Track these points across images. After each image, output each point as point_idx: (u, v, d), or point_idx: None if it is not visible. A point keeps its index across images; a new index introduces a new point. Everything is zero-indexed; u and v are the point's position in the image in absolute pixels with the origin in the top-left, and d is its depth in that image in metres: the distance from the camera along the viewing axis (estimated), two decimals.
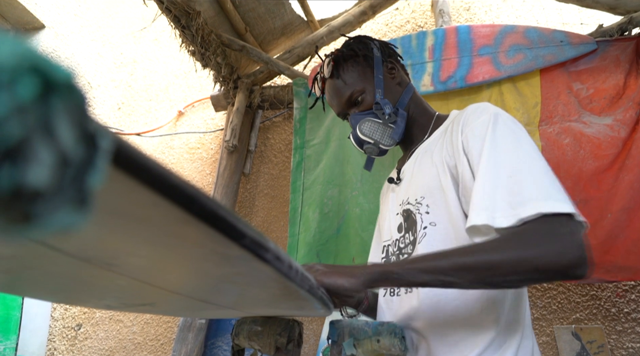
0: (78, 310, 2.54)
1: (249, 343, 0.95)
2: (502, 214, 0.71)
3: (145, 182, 0.26)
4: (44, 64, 0.16)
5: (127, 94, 3.18)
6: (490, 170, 0.76)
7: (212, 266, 0.47)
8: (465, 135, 0.86)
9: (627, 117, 1.74)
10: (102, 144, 0.17)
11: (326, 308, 0.74)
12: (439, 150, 0.94)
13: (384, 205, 1.16)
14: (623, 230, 1.62)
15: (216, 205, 0.34)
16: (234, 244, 0.38)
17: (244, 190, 2.56)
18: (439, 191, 0.90)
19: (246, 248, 0.39)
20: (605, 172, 1.71)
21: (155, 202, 0.29)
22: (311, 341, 2.09)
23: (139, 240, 0.40)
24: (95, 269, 0.51)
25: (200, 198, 0.32)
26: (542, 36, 1.95)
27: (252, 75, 2.60)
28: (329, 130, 2.19)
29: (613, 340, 1.70)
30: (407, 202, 0.99)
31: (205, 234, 0.36)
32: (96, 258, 0.47)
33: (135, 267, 0.51)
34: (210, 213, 0.34)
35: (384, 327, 0.86)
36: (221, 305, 0.78)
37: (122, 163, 0.24)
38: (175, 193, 0.29)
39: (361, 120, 1.06)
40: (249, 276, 0.50)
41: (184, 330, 1.97)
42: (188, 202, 0.31)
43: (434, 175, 0.92)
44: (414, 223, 0.94)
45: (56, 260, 0.47)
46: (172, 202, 0.30)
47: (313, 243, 1.99)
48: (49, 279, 0.57)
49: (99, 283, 0.58)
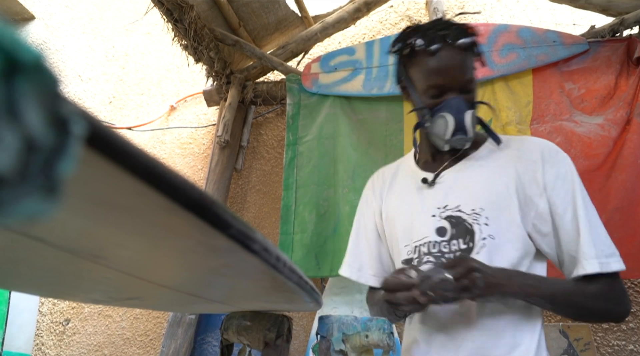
0: (66, 305, 2.52)
1: (237, 338, 0.94)
2: (599, 263, 0.93)
3: (129, 170, 0.26)
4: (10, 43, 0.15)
5: (118, 88, 3.15)
6: (589, 224, 0.96)
7: (200, 257, 0.47)
8: (549, 176, 1.00)
9: (617, 116, 1.76)
10: (75, 130, 0.16)
11: (315, 301, 0.73)
12: (507, 173, 1.01)
13: (403, 202, 1.11)
14: (617, 229, 1.64)
15: (202, 194, 0.34)
16: (220, 234, 0.38)
17: (236, 185, 2.55)
18: (505, 209, 0.99)
19: (233, 239, 0.39)
20: (596, 171, 1.73)
21: (139, 190, 0.29)
22: (301, 337, 2.09)
23: (124, 230, 0.39)
24: (82, 261, 0.50)
25: (186, 187, 0.32)
26: (535, 36, 1.96)
27: (245, 70, 2.58)
28: (322, 126, 2.19)
29: (599, 337, 1.72)
30: (457, 209, 1.01)
31: (192, 224, 0.36)
32: (82, 250, 0.47)
33: (122, 259, 0.51)
34: (195, 203, 0.33)
35: (372, 323, 0.86)
36: (210, 299, 0.78)
37: (103, 150, 0.23)
38: (160, 182, 0.28)
39: (469, 110, 1.00)
40: (236, 268, 0.50)
41: (174, 326, 1.96)
42: (173, 190, 0.30)
43: (501, 193, 1.00)
44: (470, 232, 0.99)
45: (41, 252, 0.46)
46: (157, 191, 0.29)
47: (311, 245, 1.99)
48: (35, 272, 0.57)
49: (86, 276, 0.58)
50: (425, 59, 1.01)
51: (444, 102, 1.01)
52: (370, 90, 2.14)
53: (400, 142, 2.07)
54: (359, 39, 2.68)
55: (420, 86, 1.04)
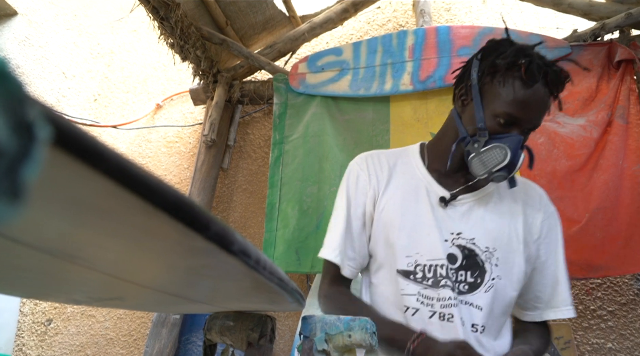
0: (48, 305, 2.49)
1: (221, 338, 0.94)
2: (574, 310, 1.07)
3: (101, 171, 0.26)
4: None
5: (103, 86, 3.11)
6: (565, 275, 1.08)
7: (179, 258, 0.47)
8: (544, 227, 1.08)
9: (599, 118, 1.79)
10: (40, 134, 0.16)
11: (298, 302, 0.74)
12: (518, 217, 1.07)
13: (407, 207, 1.07)
14: (600, 229, 1.67)
15: (178, 195, 0.34)
16: (198, 236, 0.38)
17: (222, 185, 2.54)
18: (513, 252, 1.04)
19: (211, 241, 0.39)
20: (579, 172, 1.76)
21: (113, 192, 0.29)
22: (286, 337, 2.09)
23: (101, 232, 0.39)
24: (60, 262, 0.50)
25: (161, 188, 0.32)
26: (519, 39, 1.97)
27: (232, 69, 2.57)
28: (308, 125, 2.19)
29: (579, 336, 1.75)
30: (471, 242, 1.03)
31: (169, 225, 0.36)
32: (60, 251, 0.46)
33: (101, 259, 0.51)
34: (172, 204, 0.33)
35: (355, 323, 0.87)
36: (193, 299, 0.77)
37: (73, 151, 0.23)
38: (134, 183, 0.28)
39: (522, 152, 1.00)
40: (217, 269, 0.50)
41: (158, 326, 1.94)
42: (148, 191, 0.30)
43: (512, 237, 1.05)
44: (481, 269, 1.02)
45: (17, 253, 0.46)
46: (131, 192, 0.29)
47: (292, 241, 1.99)
48: (12, 273, 0.56)
49: (66, 277, 0.57)
50: (518, 86, 0.95)
51: (511, 135, 0.96)
52: (357, 91, 2.15)
53: (386, 142, 2.08)
54: (347, 39, 2.69)
55: (495, 107, 0.97)
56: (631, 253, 1.62)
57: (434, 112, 2.05)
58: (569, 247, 1.67)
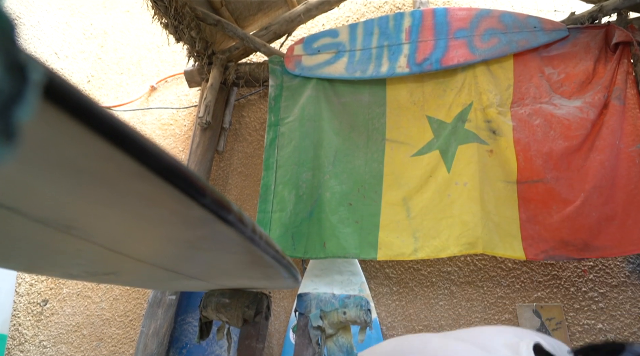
0: (44, 286, 2.49)
1: (216, 315, 0.95)
2: None
3: (93, 128, 0.25)
4: None
5: (97, 67, 3.07)
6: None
7: (175, 229, 0.47)
8: None
9: (595, 100, 1.79)
10: (32, 76, 0.16)
11: (293, 277, 0.74)
12: None
13: None
14: (595, 208, 1.68)
15: (174, 159, 0.33)
16: (194, 203, 0.38)
17: (218, 168, 2.53)
18: None
19: (207, 208, 0.39)
20: (575, 153, 1.77)
21: (107, 153, 0.28)
22: (282, 317, 2.11)
23: (96, 199, 0.39)
24: (54, 232, 0.50)
25: (156, 152, 0.31)
26: (516, 21, 1.97)
27: (228, 51, 2.54)
28: (304, 108, 2.18)
29: (570, 317, 1.78)
30: None
31: (164, 191, 0.36)
32: (53, 220, 0.46)
33: (96, 231, 0.50)
34: (167, 169, 0.33)
35: (350, 300, 0.87)
36: (189, 275, 0.78)
37: (64, 104, 0.23)
38: (129, 144, 0.28)
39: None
40: (212, 240, 0.50)
41: (154, 306, 1.95)
42: (143, 154, 0.30)
43: None
44: None
45: (12, 222, 0.46)
46: (126, 154, 0.29)
47: (289, 225, 1.99)
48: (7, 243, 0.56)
49: (61, 249, 0.57)
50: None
51: None
52: (353, 73, 2.14)
53: (382, 125, 2.08)
54: (343, 21, 2.66)
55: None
56: (627, 234, 1.64)
57: (430, 95, 2.05)
58: (564, 227, 1.70)
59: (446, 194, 1.87)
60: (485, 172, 1.84)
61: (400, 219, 1.89)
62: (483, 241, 1.73)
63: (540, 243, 1.71)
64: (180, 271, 0.74)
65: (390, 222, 1.90)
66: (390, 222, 1.90)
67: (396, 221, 1.89)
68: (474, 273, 1.96)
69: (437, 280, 1.99)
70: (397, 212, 1.91)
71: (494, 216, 1.78)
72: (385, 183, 1.97)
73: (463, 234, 1.76)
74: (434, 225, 1.83)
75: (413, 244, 1.83)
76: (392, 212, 1.91)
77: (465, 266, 1.98)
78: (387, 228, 1.89)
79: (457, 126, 1.95)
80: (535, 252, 1.71)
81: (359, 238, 1.90)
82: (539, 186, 1.78)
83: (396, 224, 1.88)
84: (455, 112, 1.98)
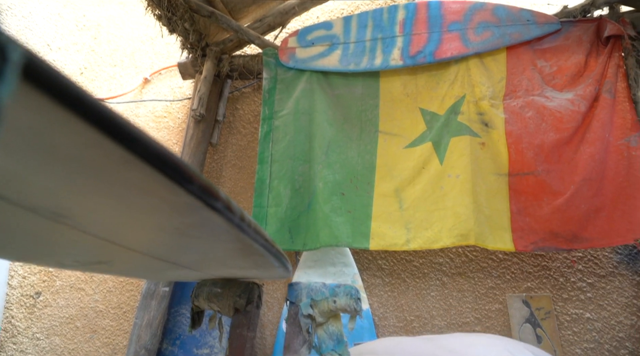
0: (37, 278, 2.49)
1: (208, 305, 0.95)
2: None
3: (80, 114, 0.26)
4: None
5: (90, 59, 3.05)
6: None
7: (164, 217, 0.47)
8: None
9: (587, 92, 1.81)
10: (12, 57, 0.17)
11: (284, 267, 0.75)
12: None
13: None
14: (584, 201, 1.70)
15: (161, 146, 0.34)
16: (181, 190, 0.38)
17: (211, 160, 2.53)
18: None
19: (194, 195, 0.39)
20: (566, 145, 1.79)
21: (92, 139, 0.29)
22: (275, 309, 2.12)
23: (84, 187, 0.39)
24: (47, 222, 0.50)
25: (142, 138, 0.32)
26: (509, 14, 1.98)
27: (222, 43, 2.53)
28: (298, 101, 2.18)
29: (559, 306, 1.81)
30: None
31: (151, 179, 0.36)
32: (43, 208, 0.46)
33: (87, 220, 0.51)
34: (153, 155, 0.33)
35: (340, 289, 0.88)
36: (181, 264, 0.78)
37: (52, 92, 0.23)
38: (115, 130, 0.29)
39: None
40: (202, 228, 0.50)
41: (147, 298, 1.96)
42: (128, 140, 0.30)
43: None
44: None
45: (3, 211, 0.46)
46: (112, 140, 0.29)
47: (285, 219, 2.00)
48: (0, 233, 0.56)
49: (53, 238, 0.57)
50: None
51: None
52: (347, 66, 2.14)
53: (375, 117, 2.08)
54: (337, 13, 2.65)
55: None
56: (615, 226, 1.66)
57: (424, 87, 2.06)
58: (554, 219, 1.72)
59: (439, 186, 1.88)
60: (477, 165, 1.86)
61: (393, 210, 1.90)
62: (475, 233, 1.75)
63: (530, 235, 1.74)
64: (172, 261, 0.75)
65: (382, 213, 1.91)
66: (382, 212, 1.91)
67: (389, 212, 1.90)
68: (466, 264, 1.98)
69: (429, 271, 2.01)
70: (389, 203, 1.92)
71: (485, 208, 1.80)
72: (378, 174, 1.99)
73: (455, 226, 1.78)
74: (426, 216, 1.85)
75: (405, 235, 1.84)
76: (384, 203, 1.93)
77: (456, 257, 2.00)
78: (379, 218, 1.90)
79: (449, 118, 1.96)
80: (525, 243, 1.73)
81: (351, 227, 1.91)
82: (530, 178, 1.79)
83: (388, 215, 1.90)
84: (448, 104, 1.99)
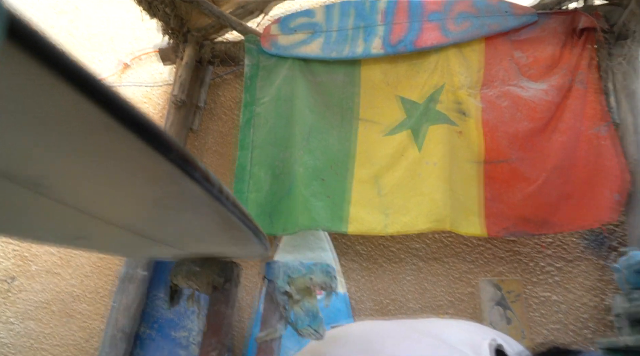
0: (11, 264, 2.46)
1: (187, 283, 0.97)
2: None
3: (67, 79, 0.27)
4: None
5: (67, 43, 2.99)
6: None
7: (142, 186, 0.48)
8: None
9: (560, 83, 1.87)
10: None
11: (262, 244, 0.77)
12: None
13: None
14: (554, 188, 1.77)
15: (141, 113, 0.35)
16: (161, 157, 0.40)
17: (192, 146, 2.52)
18: None
19: (174, 163, 0.41)
20: (539, 134, 1.85)
21: (74, 101, 0.30)
22: (254, 292, 2.15)
23: (64, 151, 0.40)
24: (22, 190, 0.50)
25: (125, 104, 0.33)
26: (488, 5, 2.02)
27: (203, 29, 2.51)
28: (280, 89, 2.19)
29: (528, 290, 1.88)
30: None
31: (132, 146, 0.37)
32: (20, 176, 0.46)
33: (65, 188, 0.51)
34: (135, 121, 0.35)
35: (317, 267, 0.91)
36: (158, 240, 0.79)
37: (33, 50, 0.24)
38: (96, 91, 0.30)
39: None
40: (180, 198, 0.52)
41: (125, 281, 1.96)
42: (110, 103, 0.32)
43: None
44: None
45: None
46: (93, 101, 0.30)
47: (265, 205, 2.02)
48: None
49: (29, 209, 0.58)
50: None
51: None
52: (329, 54, 2.15)
53: (356, 104, 2.11)
54: (320, 1, 2.65)
55: None
56: (582, 211, 1.74)
57: (404, 76, 2.09)
58: (526, 206, 1.78)
59: (417, 173, 1.92)
60: (454, 152, 1.90)
61: (372, 196, 1.94)
62: (450, 219, 1.80)
63: (502, 221, 1.80)
64: (151, 236, 0.76)
65: (361, 198, 1.94)
66: (361, 198, 1.95)
67: (367, 198, 1.94)
68: (441, 249, 2.03)
69: (405, 256, 2.06)
70: (368, 189, 1.95)
71: (460, 195, 1.85)
72: (357, 161, 2.02)
73: (432, 212, 1.83)
74: (404, 202, 1.89)
75: (383, 220, 1.88)
76: (363, 189, 1.96)
77: (432, 243, 2.05)
78: (358, 204, 1.94)
79: (428, 107, 2.00)
80: (497, 229, 1.79)
81: (330, 212, 1.94)
82: (504, 166, 1.85)
83: (367, 201, 1.93)
84: (427, 93, 2.02)
